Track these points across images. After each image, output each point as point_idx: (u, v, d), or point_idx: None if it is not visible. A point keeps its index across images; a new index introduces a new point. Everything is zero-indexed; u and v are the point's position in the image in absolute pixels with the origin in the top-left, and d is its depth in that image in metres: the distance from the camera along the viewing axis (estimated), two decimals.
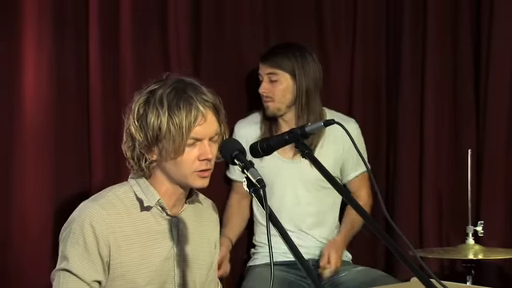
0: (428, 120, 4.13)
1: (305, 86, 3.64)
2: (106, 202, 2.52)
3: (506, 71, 4.00)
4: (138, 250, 2.52)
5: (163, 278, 2.57)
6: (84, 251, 2.46)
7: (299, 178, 3.64)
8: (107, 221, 2.48)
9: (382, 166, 4.24)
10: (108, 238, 2.48)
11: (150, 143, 2.49)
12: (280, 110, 3.66)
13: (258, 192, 2.06)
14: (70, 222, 2.51)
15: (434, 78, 4.13)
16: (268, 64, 3.66)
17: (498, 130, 4.02)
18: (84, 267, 2.47)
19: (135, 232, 2.53)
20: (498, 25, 3.99)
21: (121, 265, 2.50)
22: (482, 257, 3.53)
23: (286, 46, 3.72)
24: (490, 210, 3.98)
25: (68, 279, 2.47)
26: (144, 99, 2.51)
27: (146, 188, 2.56)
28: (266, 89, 3.66)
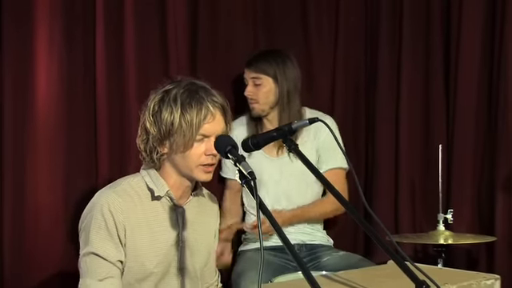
0: (403, 118, 4.16)
1: (286, 88, 3.68)
2: (121, 190, 2.54)
3: (473, 73, 4.00)
4: (148, 236, 2.55)
5: (168, 261, 2.60)
6: (107, 234, 2.48)
7: (284, 173, 3.68)
8: (123, 207, 2.51)
9: (361, 158, 4.27)
10: (124, 222, 2.50)
11: (162, 137, 2.52)
12: (264, 111, 3.70)
13: (249, 183, 2.08)
14: (90, 209, 2.53)
15: (408, 79, 4.16)
16: (252, 69, 3.70)
17: (466, 127, 4.03)
18: (108, 249, 2.48)
19: (146, 219, 2.56)
20: (466, 30, 4.00)
21: (134, 248, 2.52)
22: (451, 242, 3.53)
23: (269, 52, 3.76)
24: (459, 199, 3.99)
25: (95, 260, 2.48)
26: (159, 98, 2.55)
27: (156, 179, 2.59)
28: (250, 92, 3.71)
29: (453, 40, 4.09)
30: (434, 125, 4.16)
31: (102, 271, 2.47)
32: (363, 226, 2.18)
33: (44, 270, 3.24)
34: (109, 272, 2.47)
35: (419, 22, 4.16)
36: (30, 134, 3.33)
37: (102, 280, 2.46)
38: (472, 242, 3.70)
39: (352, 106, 4.26)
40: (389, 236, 2.21)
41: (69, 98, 3.44)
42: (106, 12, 3.51)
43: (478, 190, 4.02)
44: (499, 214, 3.87)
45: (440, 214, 3.61)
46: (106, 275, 2.47)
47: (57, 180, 3.39)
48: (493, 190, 3.92)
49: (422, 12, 4.16)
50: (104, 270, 2.47)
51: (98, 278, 2.46)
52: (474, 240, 3.68)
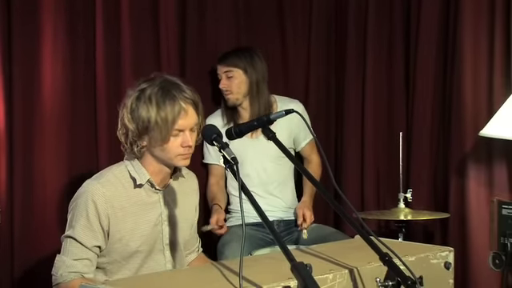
0: (368, 108, 4.17)
1: (255, 78, 3.70)
2: (105, 181, 2.55)
3: (429, 68, 4.01)
4: (132, 219, 2.56)
5: (153, 239, 2.62)
6: (87, 223, 2.50)
7: (262, 153, 3.69)
8: (106, 196, 2.52)
9: (331, 144, 4.28)
10: (107, 210, 2.51)
11: (140, 132, 2.53)
12: (238, 100, 3.72)
13: (232, 167, 2.09)
14: (77, 197, 2.55)
15: (372, 73, 4.16)
16: (224, 64, 3.72)
17: (424, 117, 4.04)
18: (86, 235, 2.51)
19: (129, 204, 2.57)
20: (424, 28, 4.01)
21: (118, 232, 2.54)
22: (410, 218, 3.56)
23: (237, 49, 3.78)
24: (417, 180, 4.00)
25: (72, 244, 2.52)
26: (136, 96, 2.54)
27: (138, 168, 2.59)
28: (224, 84, 3.72)
29: (412, 38, 4.09)
30: (396, 114, 4.17)
31: (77, 253, 2.51)
32: (333, 204, 2.20)
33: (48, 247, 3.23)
34: (83, 255, 2.51)
35: (383, 21, 4.16)
36: (37, 123, 3.30)
37: (76, 260, 2.50)
38: (428, 218, 3.72)
39: (323, 97, 4.27)
40: (355, 213, 2.21)
41: (71, 90, 3.42)
42: (105, 12, 3.49)
43: (434, 171, 4.04)
44: (452, 193, 3.89)
45: (401, 194, 3.64)
46: (80, 257, 2.50)
47: (61, 166, 3.37)
48: (447, 172, 3.94)
49: (385, 12, 4.16)
50: (79, 252, 2.51)
51: (73, 258, 2.50)
52: (430, 216, 3.71)
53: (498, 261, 2.02)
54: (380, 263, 1.94)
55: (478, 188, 3.79)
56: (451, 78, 3.91)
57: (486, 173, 3.78)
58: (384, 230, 4.05)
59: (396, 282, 1.88)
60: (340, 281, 2.02)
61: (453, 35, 3.89)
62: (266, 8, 4.12)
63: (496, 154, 3.75)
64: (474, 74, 3.80)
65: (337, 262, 2.11)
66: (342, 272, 2.03)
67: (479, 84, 3.80)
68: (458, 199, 3.85)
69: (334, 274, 2.01)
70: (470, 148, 3.82)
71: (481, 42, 3.79)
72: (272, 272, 1.99)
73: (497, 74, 3.73)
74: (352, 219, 2.14)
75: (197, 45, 3.85)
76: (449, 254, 2.33)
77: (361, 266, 2.07)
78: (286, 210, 3.78)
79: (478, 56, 3.80)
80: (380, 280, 1.92)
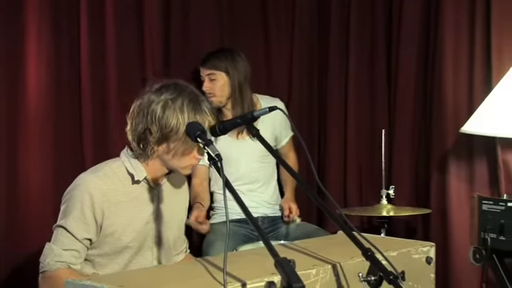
0: (350, 105, 4.18)
1: (237, 80, 3.70)
2: (102, 175, 2.53)
3: (411, 66, 4.02)
4: (126, 215, 2.55)
5: (144, 237, 2.61)
6: (81, 215, 2.48)
7: (248, 153, 3.69)
8: (103, 190, 2.50)
9: (314, 141, 4.29)
10: (103, 204, 2.49)
11: (163, 139, 2.49)
12: (222, 102, 3.71)
13: (216, 164, 2.08)
14: (72, 189, 2.53)
15: (354, 72, 4.17)
16: (207, 67, 3.71)
17: (405, 115, 4.05)
18: (78, 227, 2.49)
19: (125, 200, 2.55)
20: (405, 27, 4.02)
21: (111, 226, 2.52)
22: (393, 214, 3.57)
23: (219, 50, 3.77)
24: (399, 176, 4.02)
25: (63, 234, 2.50)
26: (164, 102, 2.49)
27: (135, 165, 2.57)
28: (207, 87, 3.71)
29: (393, 36, 4.10)
30: (378, 112, 4.18)
31: (67, 243, 2.49)
32: (316, 201, 2.20)
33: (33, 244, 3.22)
34: (73, 245, 2.49)
35: (365, 18, 4.17)
36: (22, 121, 3.29)
37: (65, 250, 2.49)
38: (410, 213, 3.74)
39: (306, 94, 4.28)
40: (338, 209, 2.21)
41: (56, 89, 3.41)
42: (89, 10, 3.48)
43: (415, 168, 4.05)
44: (434, 189, 3.90)
45: (383, 190, 3.65)
46: (70, 247, 2.49)
47: (46, 164, 3.36)
48: (428, 169, 3.95)
49: (368, 10, 4.16)
50: (70, 243, 2.49)
51: (63, 248, 2.49)
52: (412, 212, 3.72)
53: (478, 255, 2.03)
54: (362, 258, 1.95)
55: (458, 184, 3.81)
56: (432, 75, 3.92)
57: (466, 169, 3.80)
58: (367, 226, 4.06)
59: (378, 277, 1.89)
60: (323, 276, 2.02)
61: (434, 33, 3.90)
62: (249, 5, 4.12)
63: (476, 150, 3.77)
64: (455, 72, 3.82)
65: (320, 257, 2.11)
66: (325, 267, 2.04)
67: (460, 81, 3.81)
68: (440, 195, 3.87)
69: (317, 269, 2.01)
70: (451, 145, 3.84)
71: (461, 39, 3.80)
72: (256, 267, 1.99)
73: (477, 72, 3.75)
74: (335, 215, 2.14)
75: (180, 42, 3.85)
76: (430, 249, 2.34)
77: (344, 262, 2.07)
78: (270, 207, 3.79)
79: (459, 54, 3.81)
80: (362, 275, 1.92)
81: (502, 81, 3.42)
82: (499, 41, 3.65)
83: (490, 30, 3.68)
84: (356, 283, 1.99)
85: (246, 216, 1.96)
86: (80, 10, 3.46)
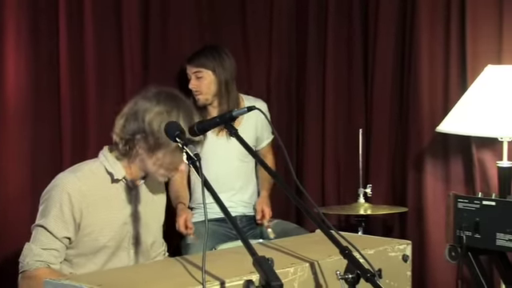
0: (328, 105, 4.19)
1: (224, 78, 3.69)
2: (81, 175, 2.52)
3: (387, 67, 4.03)
4: (104, 215, 2.54)
5: (121, 237, 2.60)
6: (60, 213, 2.47)
7: (230, 151, 3.67)
8: (82, 190, 2.49)
9: (292, 140, 4.29)
10: (81, 203, 2.48)
11: (153, 148, 2.49)
12: (208, 100, 3.70)
13: (194, 163, 2.07)
14: (50, 188, 2.51)
15: (332, 71, 4.18)
16: (193, 65, 3.70)
17: (382, 114, 4.06)
18: (57, 226, 2.47)
19: (103, 199, 2.54)
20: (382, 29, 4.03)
21: (89, 225, 2.51)
22: (370, 212, 3.59)
23: (206, 48, 3.76)
24: (377, 175, 4.03)
25: (43, 233, 2.48)
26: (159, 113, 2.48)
27: (114, 164, 2.56)
28: (194, 85, 3.69)
29: (370, 38, 4.11)
30: (355, 112, 4.19)
31: (47, 242, 2.47)
32: (294, 200, 2.19)
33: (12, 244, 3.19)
34: (52, 245, 2.48)
35: (342, 19, 4.18)
36: (0, 123, 3.26)
37: (44, 249, 2.47)
38: (387, 212, 3.76)
39: (285, 95, 4.28)
40: (316, 208, 2.21)
41: (35, 87, 3.38)
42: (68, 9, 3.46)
43: (392, 167, 4.07)
44: (410, 188, 3.92)
45: (360, 189, 3.67)
46: (49, 246, 2.47)
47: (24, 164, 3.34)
48: (405, 168, 3.97)
49: (345, 10, 4.17)
50: (49, 242, 2.47)
51: (42, 247, 2.47)
52: (389, 211, 3.75)
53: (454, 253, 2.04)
54: (340, 256, 1.95)
55: (434, 183, 3.83)
56: (408, 76, 3.94)
57: (442, 168, 3.82)
58: (344, 225, 4.07)
59: (356, 275, 1.89)
60: (301, 274, 2.02)
61: (409, 35, 3.92)
62: (228, 6, 4.11)
63: (452, 149, 3.79)
64: (431, 73, 3.84)
65: (298, 255, 2.11)
66: (303, 265, 2.04)
67: (435, 82, 3.83)
68: (416, 194, 3.89)
69: (295, 267, 2.01)
70: (427, 144, 3.86)
71: (437, 41, 3.83)
72: (234, 266, 1.99)
73: (452, 73, 3.77)
74: (313, 214, 2.13)
75: (159, 42, 3.84)
76: (407, 246, 2.35)
77: (321, 260, 2.07)
78: (249, 206, 3.79)
79: (434, 55, 3.83)
80: (340, 273, 1.92)
81: (477, 81, 3.44)
82: (474, 42, 3.68)
83: (464, 30, 3.71)
84: (334, 281, 1.98)
85: (224, 215, 1.95)
86: (59, 9, 3.43)
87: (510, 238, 1.94)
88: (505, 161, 3.33)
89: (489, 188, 3.60)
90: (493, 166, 3.52)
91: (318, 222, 2.07)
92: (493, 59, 3.56)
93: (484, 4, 3.66)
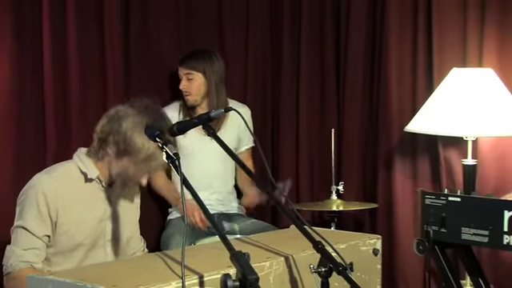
0: (302, 106, 4.19)
1: (213, 81, 3.68)
2: (57, 175, 2.51)
3: (358, 70, 4.04)
4: (79, 213, 2.52)
5: (97, 235, 2.58)
6: (37, 213, 2.45)
7: (211, 150, 3.66)
8: (57, 190, 2.48)
9: (268, 140, 4.28)
10: (57, 203, 2.47)
11: (121, 154, 2.48)
12: (197, 101, 3.69)
13: (174, 162, 2.07)
14: (27, 189, 2.50)
15: (306, 75, 4.18)
16: (185, 66, 3.69)
17: (353, 115, 4.07)
18: (36, 224, 2.46)
19: (78, 199, 2.52)
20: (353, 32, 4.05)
21: (66, 224, 2.50)
22: (342, 208, 3.59)
23: (198, 51, 3.75)
24: (348, 173, 4.03)
25: (23, 233, 2.47)
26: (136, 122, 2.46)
27: (88, 164, 2.55)
28: (184, 86, 3.69)
29: (341, 44, 4.11)
30: (328, 113, 4.20)
31: (27, 242, 2.45)
32: (270, 197, 2.19)
33: None
34: (34, 244, 2.46)
35: (314, 28, 4.18)
36: None
37: (26, 250, 2.45)
38: (358, 208, 3.76)
39: (260, 97, 4.27)
40: (291, 205, 2.21)
41: (19, 90, 3.35)
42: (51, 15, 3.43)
43: (363, 165, 4.08)
44: (380, 185, 3.94)
45: (333, 186, 3.67)
46: (30, 246, 2.45)
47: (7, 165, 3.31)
48: (375, 166, 3.98)
49: (317, 18, 4.17)
50: (30, 242, 2.46)
51: (23, 248, 2.45)
52: (360, 207, 3.75)
53: (421, 247, 2.05)
54: (313, 251, 1.95)
55: (403, 180, 3.85)
56: (378, 78, 3.96)
57: (410, 166, 3.84)
58: (317, 220, 4.07)
59: (328, 268, 1.89)
60: (276, 268, 2.03)
61: (379, 39, 3.94)
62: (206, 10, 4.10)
63: (419, 148, 3.81)
64: (399, 75, 3.86)
65: (273, 250, 2.11)
66: (278, 260, 2.04)
67: (404, 84, 3.86)
68: (386, 190, 3.90)
69: (270, 261, 2.01)
70: (396, 143, 3.88)
71: (405, 45, 3.85)
72: (212, 261, 1.99)
73: (419, 75, 3.80)
74: (288, 210, 2.14)
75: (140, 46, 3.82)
76: (377, 241, 2.36)
77: (296, 254, 2.08)
78: (227, 204, 3.78)
79: (403, 59, 3.86)
80: (313, 266, 1.92)
81: (443, 83, 3.47)
82: (440, 46, 3.70)
83: (431, 36, 3.73)
84: (307, 274, 1.99)
85: (203, 212, 1.95)
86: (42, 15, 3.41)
87: (474, 232, 1.96)
88: (469, 159, 3.36)
89: (454, 185, 3.62)
90: (458, 164, 3.55)
91: (293, 218, 2.08)
92: (458, 63, 3.59)
93: (449, 11, 3.69)
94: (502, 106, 3.31)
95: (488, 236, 1.93)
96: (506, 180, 3.54)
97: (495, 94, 3.33)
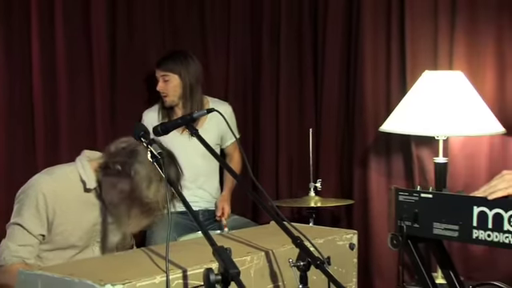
0: (281, 107, 4.19)
1: (189, 82, 3.68)
2: (57, 177, 2.49)
3: (334, 73, 4.05)
4: (75, 216, 2.50)
5: (90, 237, 2.57)
6: (35, 212, 2.43)
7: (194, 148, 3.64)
8: (56, 191, 2.46)
9: (249, 138, 4.29)
10: (55, 204, 2.45)
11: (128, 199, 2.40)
12: (174, 101, 3.69)
13: (158, 161, 2.06)
14: (27, 188, 2.47)
15: (285, 78, 4.18)
16: (161, 68, 3.69)
17: (330, 116, 4.08)
18: (33, 223, 2.44)
19: (75, 202, 2.50)
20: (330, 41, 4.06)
21: (62, 225, 2.48)
22: (320, 205, 3.60)
23: (174, 53, 3.75)
24: (326, 171, 4.04)
25: (20, 230, 2.45)
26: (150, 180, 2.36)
27: (88, 173, 2.50)
28: (161, 87, 3.69)
29: (319, 48, 4.12)
30: (306, 113, 4.20)
31: (23, 239, 2.44)
32: (251, 194, 2.19)
33: None
34: (28, 241, 2.44)
35: (293, 30, 4.18)
36: None
37: (20, 246, 2.44)
38: (335, 204, 3.77)
39: (241, 98, 4.27)
40: (270, 201, 2.21)
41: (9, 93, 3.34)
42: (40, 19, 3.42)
43: (340, 164, 4.09)
44: (356, 182, 3.95)
45: (311, 183, 3.67)
46: (24, 243, 2.44)
47: None
48: (351, 164, 3.99)
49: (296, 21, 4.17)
50: (25, 239, 2.44)
51: (18, 244, 2.44)
52: (337, 203, 3.76)
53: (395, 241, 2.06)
54: (292, 246, 1.95)
55: (378, 177, 3.86)
56: (354, 81, 3.97)
57: (385, 164, 3.85)
58: (296, 216, 4.08)
59: (307, 262, 1.90)
60: (257, 262, 2.03)
61: (355, 44, 3.95)
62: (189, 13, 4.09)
63: (393, 147, 3.83)
64: (374, 78, 3.88)
65: (254, 245, 2.11)
66: (259, 254, 2.04)
67: (378, 86, 3.87)
68: (361, 187, 3.91)
69: (251, 256, 2.01)
70: (371, 142, 3.89)
71: (379, 50, 3.86)
72: (195, 256, 1.98)
73: (393, 78, 3.82)
74: (267, 207, 2.13)
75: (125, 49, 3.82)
76: (353, 236, 2.37)
77: (275, 249, 2.08)
78: (211, 201, 3.78)
79: (377, 62, 3.87)
80: (292, 261, 1.93)
81: (415, 85, 3.48)
82: (412, 50, 3.72)
83: (404, 40, 3.75)
84: (287, 268, 1.99)
85: (186, 209, 1.95)
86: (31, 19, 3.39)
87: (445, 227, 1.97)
88: (441, 157, 3.38)
89: (426, 182, 3.64)
90: (430, 162, 3.57)
91: (273, 214, 2.08)
92: (429, 65, 3.61)
93: (421, 17, 3.71)
94: (471, 107, 3.33)
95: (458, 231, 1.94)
96: (475, 177, 3.56)
97: (465, 95, 3.36)
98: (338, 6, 4.00)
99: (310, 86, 4.18)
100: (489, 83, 3.54)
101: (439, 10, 3.64)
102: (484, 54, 3.55)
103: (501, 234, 1.86)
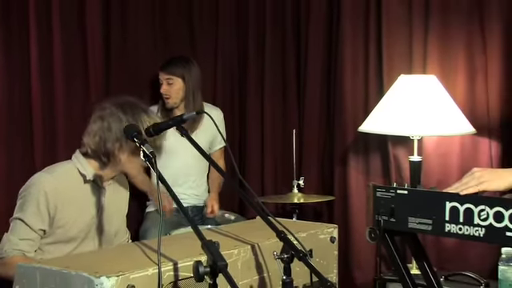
0: (266, 110, 4.19)
1: (191, 86, 3.68)
2: (57, 174, 2.49)
3: (316, 77, 4.05)
4: (76, 210, 2.51)
5: (89, 228, 2.57)
6: (36, 209, 2.44)
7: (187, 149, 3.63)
8: (57, 188, 2.46)
9: (235, 139, 4.28)
10: (56, 200, 2.45)
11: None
12: (176, 104, 3.69)
13: (150, 160, 2.06)
14: (28, 186, 2.48)
15: (270, 82, 4.18)
16: (166, 72, 3.69)
17: (312, 117, 4.07)
18: (34, 219, 2.44)
19: (76, 197, 2.51)
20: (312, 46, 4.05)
21: (63, 219, 2.48)
22: (303, 201, 3.60)
23: (178, 58, 3.75)
24: (308, 169, 4.04)
25: (21, 225, 2.45)
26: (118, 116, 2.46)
27: (86, 166, 2.52)
28: (165, 89, 3.68)
29: (302, 54, 4.11)
30: (290, 115, 4.20)
31: (23, 233, 2.44)
32: (237, 191, 2.19)
33: None
34: (29, 235, 2.44)
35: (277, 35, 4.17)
36: None
37: (21, 239, 2.43)
38: (317, 200, 3.78)
39: (228, 102, 4.27)
40: (256, 198, 2.21)
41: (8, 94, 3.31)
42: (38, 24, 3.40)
43: (321, 162, 4.09)
44: (337, 179, 3.95)
45: (294, 180, 3.67)
46: (25, 237, 2.44)
47: None
48: (332, 162, 4.00)
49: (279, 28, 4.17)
50: (26, 233, 2.44)
51: (19, 238, 2.44)
52: (319, 199, 3.76)
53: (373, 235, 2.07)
54: (277, 239, 1.96)
55: (357, 175, 3.87)
56: (334, 84, 3.97)
57: (363, 162, 3.87)
58: (281, 212, 4.06)
59: (290, 255, 1.90)
60: (244, 255, 2.03)
61: (335, 50, 3.95)
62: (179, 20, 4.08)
63: (371, 146, 3.84)
64: (353, 81, 3.89)
65: (241, 239, 2.12)
66: (245, 247, 2.04)
67: (357, 90, 3.88)
68: (342, 184, 3.92)
69: (238, 249, 2.02)
70: (351, 142, 3.90)
71: (358, 55, 3.87)
72: (186, 249, 1.98)
73: (371, 81, 3.83)
74: (253, 203, 2.14)
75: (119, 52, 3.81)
76: (334, 230, 2.37)
77: (261, 242, 2.08)
78: (200, 199, 3.78)
79: (356, 67, 3.88)
80: (277, 253, 1.93)
81: (392, 88, 3.50)
82: (389, 55, 3.74)
83: (381, 45, 3.76)
84: (271, 260, 2.00)
85: (177, 205, 1.95)
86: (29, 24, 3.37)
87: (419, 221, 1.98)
88: (415, 156, 3.39)
89: (402, 179, 3.65)
90: (405, 161, 3.58)
91: (258, 210, 2.08)
92: (405, 69, 3.63)
93: (397, 23, 3.72)
94: (443, 109, 3.35)
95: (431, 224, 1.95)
96: (447, 175, 3.58)
97: (438, 98, 3.38)
98: (319, 12, 4.00)
99: (294, 89, 4.18)
100: (460, 86, 3.56)
101: (414, 14, 3.65)
102: (456, 58, 3.57)
103: (471, 227, 1.88)
